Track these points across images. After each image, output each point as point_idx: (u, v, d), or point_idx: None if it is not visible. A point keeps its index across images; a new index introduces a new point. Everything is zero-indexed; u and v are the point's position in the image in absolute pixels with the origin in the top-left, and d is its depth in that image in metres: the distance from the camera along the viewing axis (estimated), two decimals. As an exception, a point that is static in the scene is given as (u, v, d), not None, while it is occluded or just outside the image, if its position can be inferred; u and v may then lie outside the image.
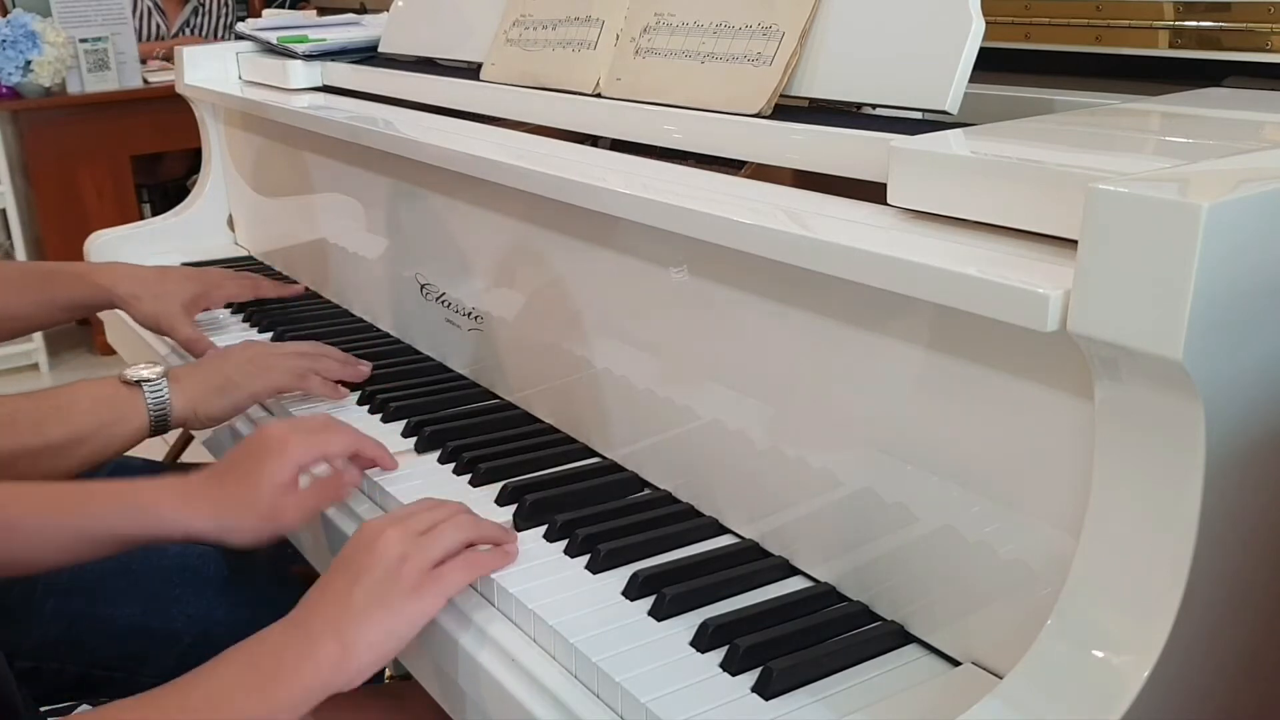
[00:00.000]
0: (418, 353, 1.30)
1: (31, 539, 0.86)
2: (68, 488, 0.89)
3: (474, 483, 0.98)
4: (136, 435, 1.04)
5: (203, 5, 3.90)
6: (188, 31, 3.89)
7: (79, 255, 1.77)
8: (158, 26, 3.84)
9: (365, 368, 1.21)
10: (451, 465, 1.02)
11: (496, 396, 1.17)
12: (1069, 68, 1.05)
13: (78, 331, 3.70)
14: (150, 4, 3.82)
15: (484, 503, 0.94)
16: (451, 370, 1.24)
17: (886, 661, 0.73)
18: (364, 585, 0.76)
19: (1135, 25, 0.99)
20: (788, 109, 0.93)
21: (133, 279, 1.33)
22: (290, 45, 1.60)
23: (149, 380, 1.04)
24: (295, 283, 1.51)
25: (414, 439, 1.06)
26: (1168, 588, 0.57)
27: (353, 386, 1.19)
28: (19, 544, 0.85)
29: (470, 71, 1.30)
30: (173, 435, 2.20)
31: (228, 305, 1.50)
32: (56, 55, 3.23)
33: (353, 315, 1.46)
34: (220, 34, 3.91)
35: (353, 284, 1.46)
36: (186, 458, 1.96)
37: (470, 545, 0.83)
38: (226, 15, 3.94)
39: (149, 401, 1.03)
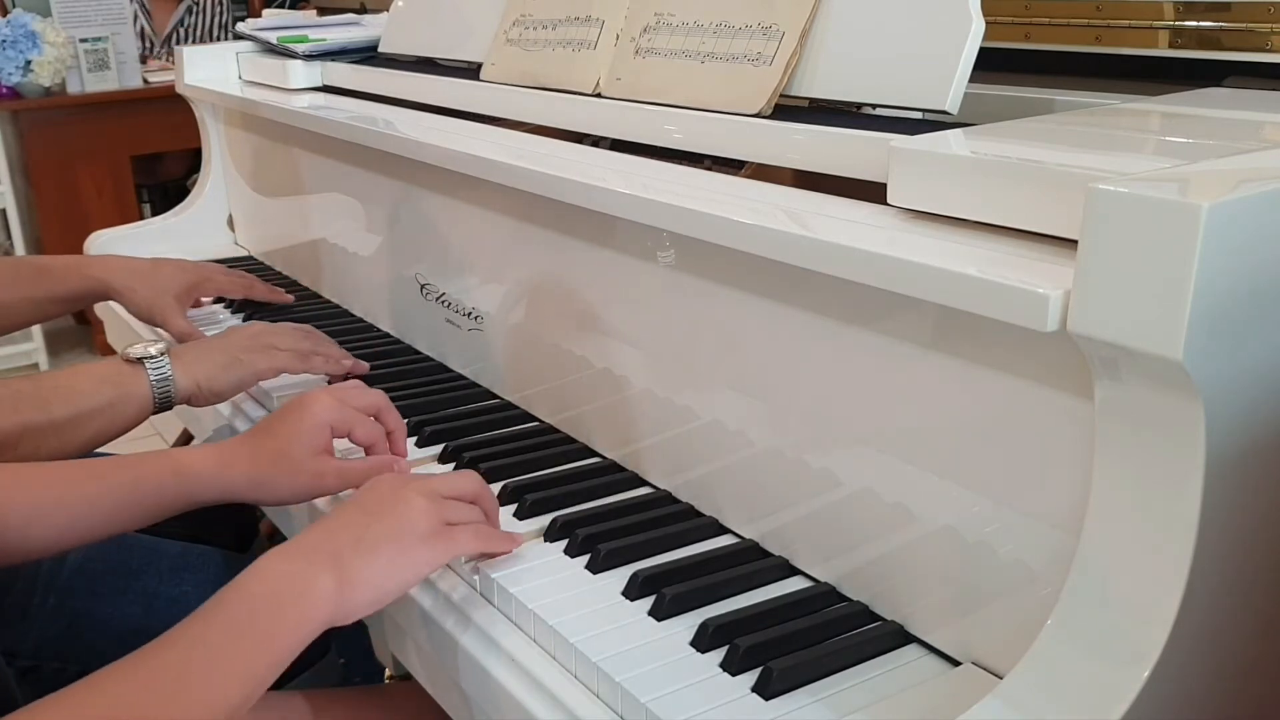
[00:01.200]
0: (417, 352, 1.30)
1: (75, 514, 0.86)
2: (104, 461, 0.90)
3: (474, 483, 0.98)
4: (140, 413, 1.04)
5: (197, 4, 3.85)
6: (181, 31, 3.85)
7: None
8: (142, 29, 3.76)
9: (363, 367, 1.21)
10: (451, 465, 1.02)
11: (496, 396, 1.17)
12: (1069, 68, 1.05)
13: (78, 331, 3.70)
14: (137, 6, 3.74)
15: (484, 503, 0.94)
16: (451, 370, 1.24)
17: (886, 661, 0.73)
18: (383, 522, 0.76)
19: (1135, 25, 0.99)
20: (788, 109, 0.93)
21: (126, 270, 1.34)
22: (290, 45, 1.60)
23: (151, 357, 1.04)
24: (288, 293, 1.51)
25: (414, 439, 1.06)
26: (1168, 588, 0.57)
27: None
28: (63, 520, 0.85)
29: (470, 71, 1.30)
30: (172, 436, 2.20)
31: (221, 301, 1.50)
32: (56, 55, 3.23)
33: (352, 315, 1.46)
34: (215, 34, 3.88)
35: (352, 284, 1.46)
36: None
37: None
38: (222, 15, 3.90)
39: (152, 378, 1.03)
